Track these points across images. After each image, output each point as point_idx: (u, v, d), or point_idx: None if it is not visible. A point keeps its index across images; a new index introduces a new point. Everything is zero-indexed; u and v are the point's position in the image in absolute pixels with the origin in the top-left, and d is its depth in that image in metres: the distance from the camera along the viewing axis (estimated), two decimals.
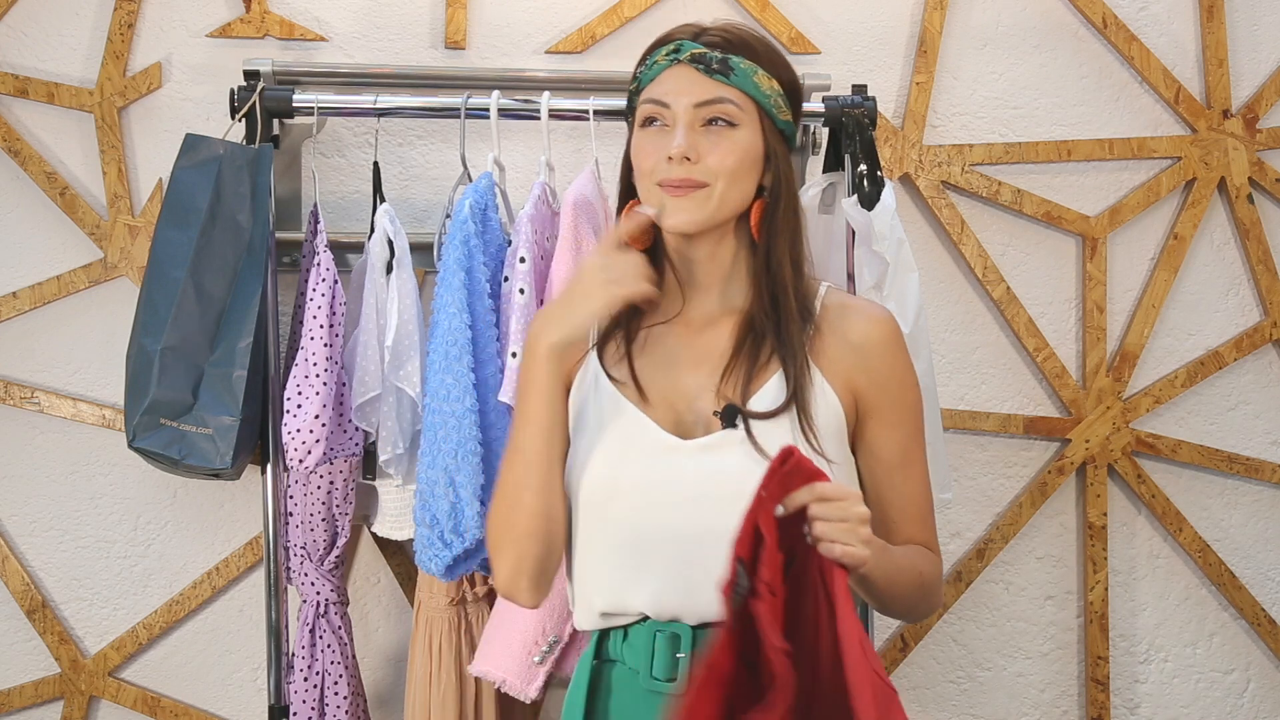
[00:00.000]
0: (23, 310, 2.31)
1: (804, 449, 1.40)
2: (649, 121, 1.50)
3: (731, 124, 1.48)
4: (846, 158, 2.14)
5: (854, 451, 1.54)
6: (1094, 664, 2.48)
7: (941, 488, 2.14)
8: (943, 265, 2.48)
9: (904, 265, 2.05)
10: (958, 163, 2.45)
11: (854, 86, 2.21)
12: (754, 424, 1.45)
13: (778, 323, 1.49)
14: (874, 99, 2.17)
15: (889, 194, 2.05)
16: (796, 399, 1.46)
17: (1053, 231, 2.50)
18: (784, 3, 2.43)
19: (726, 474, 1.43)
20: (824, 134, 2.27)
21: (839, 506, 1.29)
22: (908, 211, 2.45)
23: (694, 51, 1.49)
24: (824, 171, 2.24)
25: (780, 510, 1.30)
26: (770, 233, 1.52)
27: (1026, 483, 2.50)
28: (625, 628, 1.50)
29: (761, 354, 1.49)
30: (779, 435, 1.44)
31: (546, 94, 2.10)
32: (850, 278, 2.13)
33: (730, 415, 1.45)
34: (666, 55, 1.50)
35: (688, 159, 1.46)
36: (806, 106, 2.24)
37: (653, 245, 1.55)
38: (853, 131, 2.13)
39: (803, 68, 2.36)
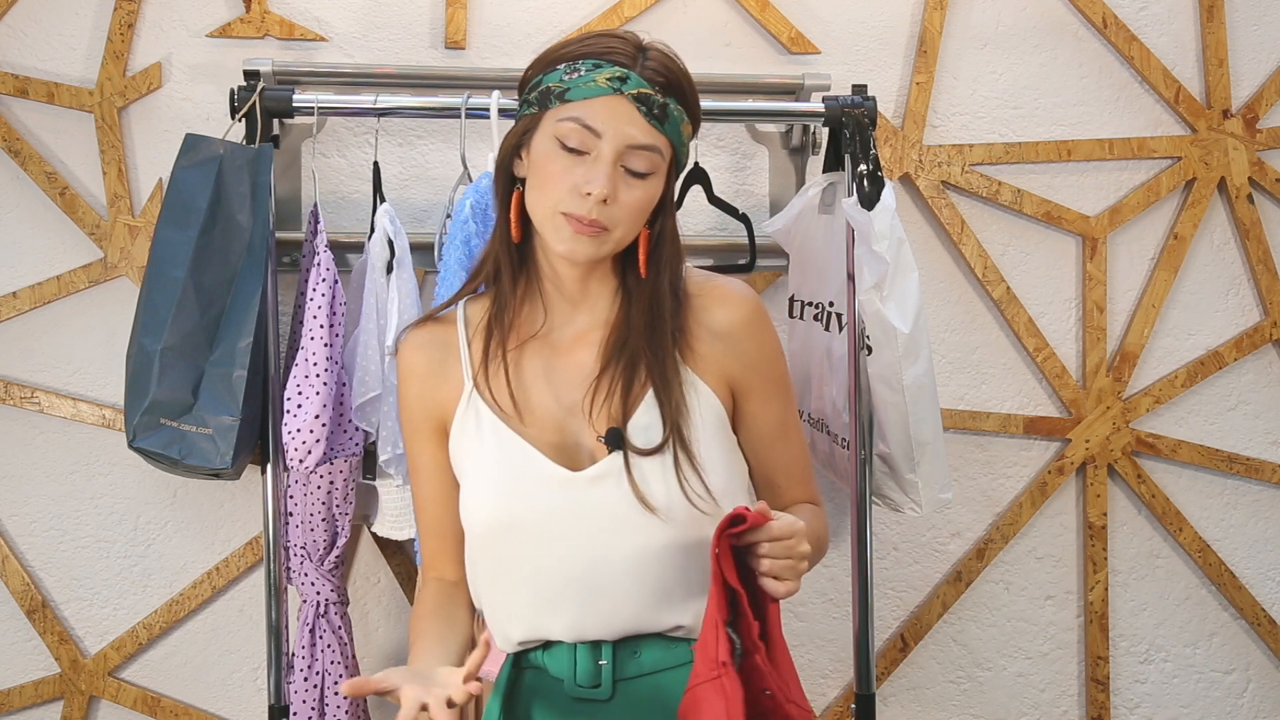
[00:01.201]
0: (23, 310, 2.31)
1: (684, 487, 1.44)
2: (569, 146, 1.44)
3: (651, 173, 1.46)
4: (846, 158, 2.14)
5: (734, 428, 1.55)
6: (1094, 664, 2.48)
7: (941, 488, 2.14)
8: (943, 265, 2.48)
9: (904, 265, 2.04)
10: (958, 163, 2.45)
11: (854, 86, 2.21)
12: (635, 459, 1.45)
13: (655, 357, 1.48)
14: (874, 99, 2.17)
15: (889, 194, 2.05)
16: (676, 436, 1.46)
17: (1053, 231, 2.50)
18: (784, 3, 2.43)
19: (623, 503, 1.44)
20: (824, 134, 2.27)
21: (785, 546, 1.34)
22: (908, 211, 2.45)
23: (640, 90, 1.43)
24: (824, 171, 2.24)
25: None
26: (655, 270, 1.51)
27: (1026, 483, 2.50)
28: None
29: (633, 379, 1.48)
30: (660, 470, 1.45)
31: None
32: (850, 278, 2.13)
33: (615, 439, 1.46)
34: (609, 80, 1.42)
35: (604, 201, 1.42)
36: (806, 106, 2.25)
37: (524, 244, 1.53)
38: (853, 131, 2.13)
39: (803, 68, 2.38)
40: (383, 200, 2.15)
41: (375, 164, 2.17)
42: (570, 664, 1.47)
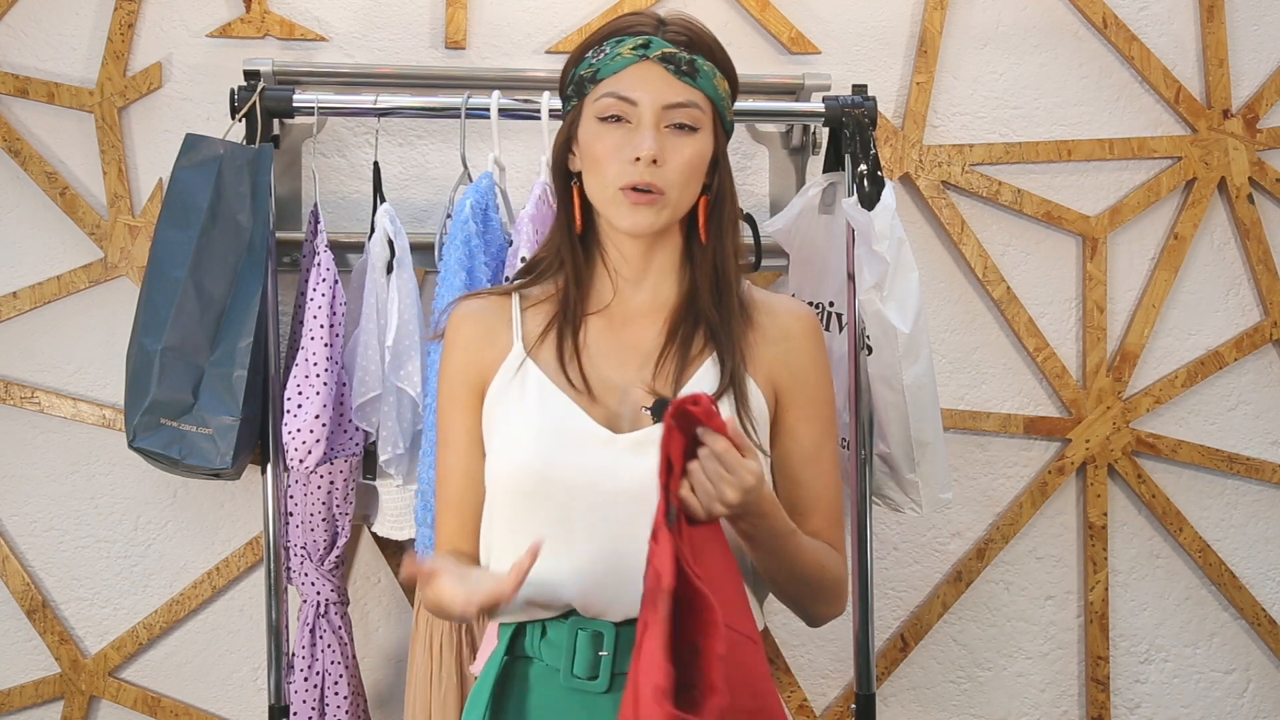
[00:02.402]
0: (23, 310, 2.31)
1: (745, 427, 1.44)
2: (611, 117, 1.48)
3: (694, 128, 1.48)
4: (846, 158, 2.14)
5: (770, 443, 1.54)
6: (1094, 664, 2.48)
7: (941, 488, 2.14)
8: (943, 265, 2.48)
9: (904, 265, 2.04)
10: (958, 163, 2.45)
11: (854, 86, 2.21)
12: None
13: (721, 318, 1.50)
14: (874, 99, 2.17)
15: (889, 194, 2.05)
16: (734, 388, 1.47)
17: (1053, 231, 2.50)
18: (784, 3, 2.43)
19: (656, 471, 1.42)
20: (824, 134, 2.27)
21: (717, 472, 1.31)
22: (908, 211, 2.45)
23: (664, 50, 1.47)
24: (824, 171, 2.24)
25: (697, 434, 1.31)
26: (718, 233, 1.53)
27: (1026, 483, 2.50)
28: (544, 624, 1.48)
29: (693, 348, 1.50)
30: None
31: (546, 94, 2.09)
32: (850, 278, 2.13)
33: (660, 409, 1.45)
34: (634, 49, 1.47)
35: (654, 162, 1.45)
36: (806, 106, 2.25)
37: (585, 230, 1.54)
38: (853, 131, 2.13)
39: (803, 68, 2.38)
40: (383, 200, 2.15)
41: (375, 164, 2.17)
42: (569, 653, 1.45)
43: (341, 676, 2.14)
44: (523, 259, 1.94)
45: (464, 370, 1.54)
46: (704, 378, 1.48)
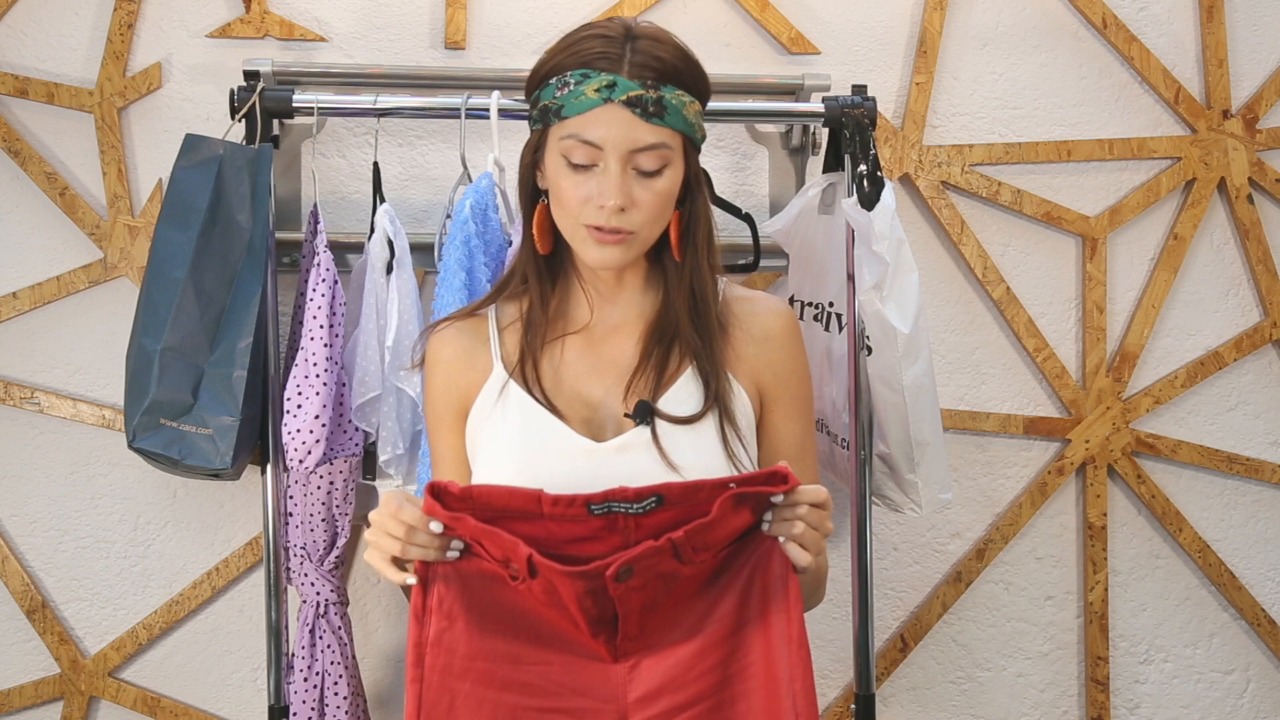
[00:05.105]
0: (23, 310, 2.31)
1: (730, 454, 1.45)
2: (576, 163, 1.44)
3: (663, 166, 1.45)
4: (846, 158, 2.14)
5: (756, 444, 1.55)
6: (1094, 664, 2.48)
7: (941, 488, 2.14)
8: (943, 265, 2.48)
9: (904, 265, 2.04)
10: (957, 163, 2.45)
11: (854, 86, 2.21)
12: (677, 430, 1.46)
13: (702, 341, 1.50)
14: (874, 99, 2.17)
15: (889, 194, 2.05)
16: (719, 404, 1.47)
17: (1053, 231, 2.50)
18: (784, 3, 2.43)
19: (644, 474, 1.42)
20: (824, 134, 2.27)
21: (819, 515, 1.34)
22: (908, 212, 2.45)
23: (630, 94, 1.41)
24: (824, 171, 2.24)
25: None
26: (693, 252, 1.51)
27: (1026, 483, 2.50)
28: None
29: (670, 363, 1.50)
30: (695, 440, 1.45)
31: None
32: (850, 278, 2.13)
33: (642, 412, 1.46)
34: (598, 91, 1.42)
35: (621, 209, 1.43)
36: (806, 107, 2.25)
37: (554, 250, 1.54)
38: (852, 132, 2.13)
39: (802, 68, 2.38)
40: (383, 200, 2.15)
41: (375, 164, 2.17)
42: None
43: (341, 677, 2.14)
44: None
45: (446, 393, 1.55)
46: (683, 390, 1.48)
